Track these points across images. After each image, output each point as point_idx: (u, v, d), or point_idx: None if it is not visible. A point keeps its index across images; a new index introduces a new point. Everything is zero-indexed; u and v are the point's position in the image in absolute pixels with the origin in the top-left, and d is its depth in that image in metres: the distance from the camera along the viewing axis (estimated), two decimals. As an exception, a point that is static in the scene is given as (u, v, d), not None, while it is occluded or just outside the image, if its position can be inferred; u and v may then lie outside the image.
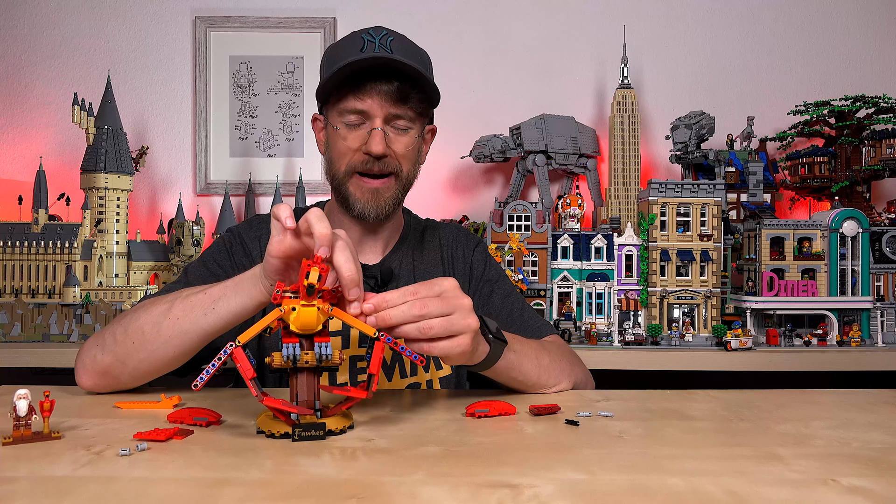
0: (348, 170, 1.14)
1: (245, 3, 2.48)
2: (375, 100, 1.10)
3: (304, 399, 0.78)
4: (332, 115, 1.15)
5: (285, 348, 0.76)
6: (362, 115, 1.12)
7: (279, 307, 0.76)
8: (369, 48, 1.08)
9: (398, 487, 0.61)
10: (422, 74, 1.09)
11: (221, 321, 0.90)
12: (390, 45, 1.09)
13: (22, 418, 0.73)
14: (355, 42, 1.10)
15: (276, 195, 2.33)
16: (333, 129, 1.15)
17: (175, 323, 0.91)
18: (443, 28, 2.47)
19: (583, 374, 1.15)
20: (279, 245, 0.81)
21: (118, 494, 0.59)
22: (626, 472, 0.66)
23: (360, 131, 1.13)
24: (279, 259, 0.82)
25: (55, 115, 2.46)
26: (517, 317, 1.27)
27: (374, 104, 1.11)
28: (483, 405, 0.88)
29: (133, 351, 0.94)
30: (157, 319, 0.93)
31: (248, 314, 0.89)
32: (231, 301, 0.88)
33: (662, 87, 2.49)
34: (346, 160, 1.14)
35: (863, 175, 2.20)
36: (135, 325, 0.95)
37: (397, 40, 1.10)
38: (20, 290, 2.00)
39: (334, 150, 1.16)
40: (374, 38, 1.09)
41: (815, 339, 1.93)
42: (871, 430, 0.82)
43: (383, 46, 1.08)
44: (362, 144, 1.12)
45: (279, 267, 0.82)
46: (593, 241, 2.04)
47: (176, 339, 0.92)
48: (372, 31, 1.10)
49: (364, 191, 1.15)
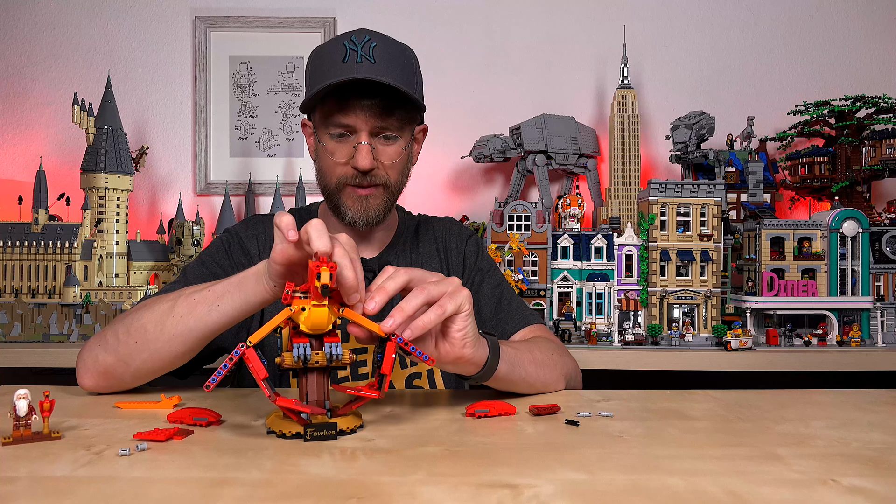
0: (339, 183, 1.17)
1: (245, 3, 2.48)
2: (360, 115, 1.11)
3: (314, 399, 0.78)
4: (319, 127, 1.16)
5: (296, 348, 0.76)
6: (348, 129, 1.13)
7: (289, 307, 0.76)
8: (351, 58, 1.08)
9: (398, 487, 0.61)
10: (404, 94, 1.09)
11: (225, 318, 0.90)
12: (373, 52, 1.09)
13: (22, 418, 0.73)
14: (338, 50, 1.09)
15: (277, 195, 2.33)
16: (319, 141, 1.16)
17: (179, 321, 0.91)
18: (443, 28, 2.47)
19: (572, 363, 1.16)
20: (282, 253, 0.81)
21: (118, 494, 0.59)
22: (626, 472, 0.66)
23: (346, 145, 1.14)
24: (282, 266, 0.82)
25: (55, 115, 2.46)
26: (505, 305, 1.29)
27: (358, 119, 1.11)
28: (483, 405, 0.88)
29: (136, 350, 0.94)
30: (160, 318, 0.92)
31: (251, 311, 0.89)
32: (235, 298, 0.88)
33: (662, 87, 2.49)
34: (336, 174, 1.16)
35: (863, 175, 2.20)
36: (137, 323, 0.94)
37: (380, 46, 1.10)
38: (20, 290, 2.00)
39: (323, 162, 1.18)
40: (356, 45, 1.09)
41: (815, 339, 1.93)
42: (871, 430, 0.82)
43: (366, 56, 1.08)
44: (349, 158, 1.14)
45: (283, 272, 0.83)
46: (593, 241, 2.04)
47: (179, 337, 0.92)
48: (355, 38, 1.10)
49: (354, 199, 1.17)
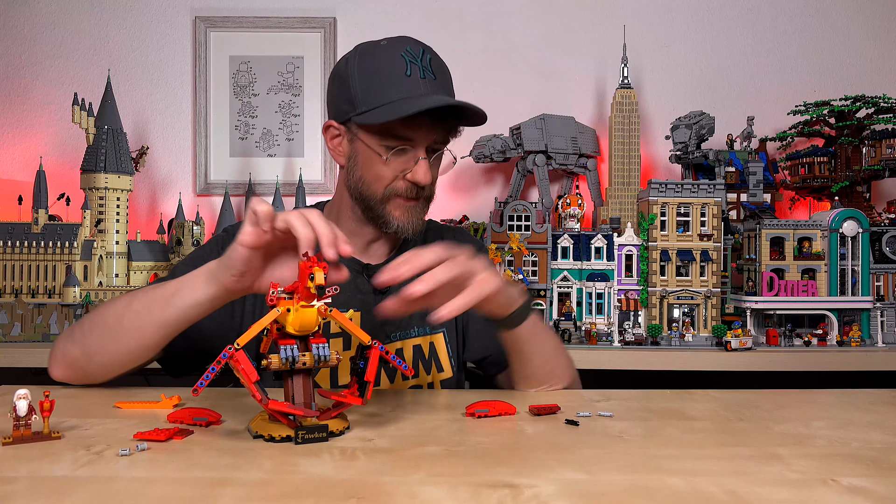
0: (388, 193, 1.12)
1: (245, 3, 2.48)
2: (423, 131, 1.09)
3: (300, 401, 0.77)
4: (370, 135, 1.11)
5: (283, 350, 0.75)
6: (408, 143, 1.10)
7: (275, 308, 0.76)
8: (414, 72, 1.07)
9: (398, 487, 0.61)
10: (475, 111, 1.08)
11: (179, 314, 0.91)
12: (431, 65, 1.09)
13: (22, 418, 0.73)
14: (396, 62, 1.07)
15: (277, 195, 2.33)
16: (370, 150, 1.11)
17: (135, 316, 0.94)
18: (443, 28, 2.47)
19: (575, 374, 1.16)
20: (250, 236, 0.81)
21: (118, 494, 0.59)
22: (626, 472, 0.66)
23: (403, 157, 1.10)
24: (248, 249, 0.82)
25: (55, 115, 2.46)
26: None
27: (420, 135, 1.09)
28: (483, 405, 0.88)
29: (98, 344, 0.97)
30: (119, 312, 0.96)
31: (204, 309, 0.91)
32: (186, 296, 0.90)
33: (662, 87, 2.49)
34: (386, 184, 1.12)
35: (863, 175, 2.20)
36: (99, 319, 0.98)
37: (434, 59, 1.10)
38: (20, 290, 2.00)
39: (370, 171, 1.12)
40: (415, 59, 1.07)
41: (815, 339, 1.93)
42: (871, 430, 0.82)
43: (426, 70, 1.08)
44: (404, 170, 1.11)
45: (246, 256, 0.83)
46: (593, 241, 2.04)
47: (136, 332, 0.94)
48: (411, 51, 1.08)
49: (403, 209, 1.13)
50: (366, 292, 1.16)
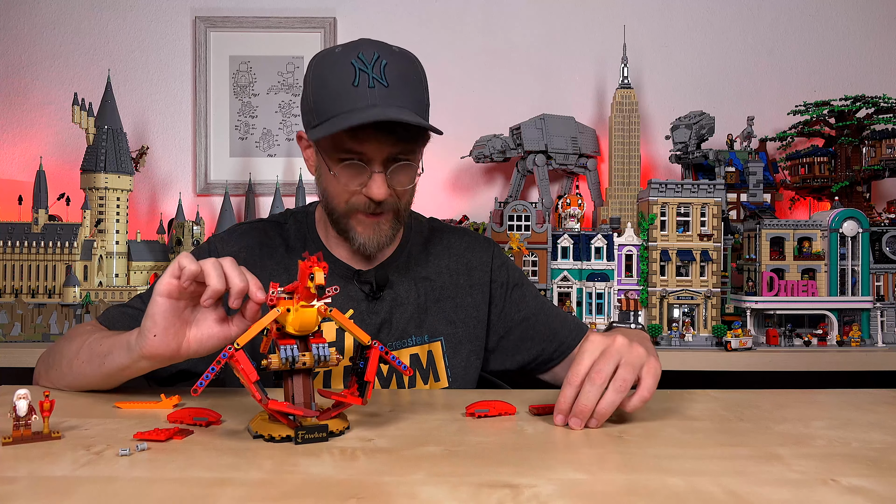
0: (349, 209, 1.08)
1: (245, 3, 2.48)
2: (374, 145, 1.02)
3: (300, 401, 0.77)
4: (325, 149, 1.06)
5: (283, 350, 0.76)
6: (360, 158, 1.03)
7: (275, 308, 0.76)
8: (362, 81, 0.99)
9: (398, 487, 0.61)
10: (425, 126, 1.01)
11: (116, 373, 0.92)
12: (385, 73, 1.00)
13: (22, 418, 0.73)
14: (345, 70, 1.00)
15: (277, 195, 2.33)
16: (325, 167, 1.07)
17: (81, 365, 0.96)
18: (443, 28, 2.47)
19: None
20: (167, 286, 0.82)
21: (118, 494, 0.59)
22: (626, 472, 0.66)
23: (357, 172, 1.05)
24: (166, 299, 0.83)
25: (55, 115, 2.46)
26: (555, 314, 1.28)
27: (370, 148, 1.02)
28: (483, 405, 0.88)
29: (58, 377, 1.01)
30: (70, 357, 0.98)
31: (134, 372, 0.92)
32: (115, 359, 0.91)
33: (662, 87, 2.49)
34: (345, 199, 1.08)
35: (863, 175, 2.20)
36: (58, 355, 1.01)
37: (390, 63, 1.01)
38: (20, 290, 2.00)
39: (329, 187, 1.09)
40: (366, 66, 1.00)
41: (815, 339, 1.93)
42: (871, 430, 0.82)
43: (378, 79, 0.99)
44: (361, 186, 1.05)
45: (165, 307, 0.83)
46: (593, 241, 2.04)
47: (83, 377, 0.97)
48: (363, 56, 1.00)
49: (365, 225, 1.09)
50: (358, 299, 1.16)
